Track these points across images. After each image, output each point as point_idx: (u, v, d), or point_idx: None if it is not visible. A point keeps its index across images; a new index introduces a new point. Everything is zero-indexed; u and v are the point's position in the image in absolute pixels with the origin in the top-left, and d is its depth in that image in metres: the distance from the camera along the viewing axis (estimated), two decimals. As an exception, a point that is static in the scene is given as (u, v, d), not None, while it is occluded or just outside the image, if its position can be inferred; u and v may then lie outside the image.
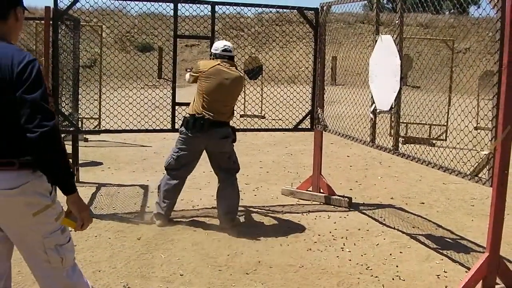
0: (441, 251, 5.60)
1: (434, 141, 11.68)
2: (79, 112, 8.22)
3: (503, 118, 4.20)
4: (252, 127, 8.16)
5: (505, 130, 4.20)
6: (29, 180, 2.85)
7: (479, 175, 4.57)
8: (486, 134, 4.53)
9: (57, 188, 2.93)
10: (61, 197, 2.96)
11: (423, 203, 7.45)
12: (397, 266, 5.15)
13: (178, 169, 6.15)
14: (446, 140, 11.48)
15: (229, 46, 6.20)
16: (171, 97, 6.78)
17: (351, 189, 7.97)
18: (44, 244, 2.97)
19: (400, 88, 5.60)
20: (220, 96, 5.96)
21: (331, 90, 7.41)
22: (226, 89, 5.98)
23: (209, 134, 5.94)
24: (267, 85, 12.46)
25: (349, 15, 32.44)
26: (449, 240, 6.02)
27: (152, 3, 6.79)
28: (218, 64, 6.04)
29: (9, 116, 2.78)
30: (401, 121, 11.90)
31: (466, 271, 4.96)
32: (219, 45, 6.24)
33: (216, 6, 6.83)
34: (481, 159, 4.51)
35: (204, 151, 6.18)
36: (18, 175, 2.82)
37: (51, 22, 6.37)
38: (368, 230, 6.16)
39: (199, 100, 5.98)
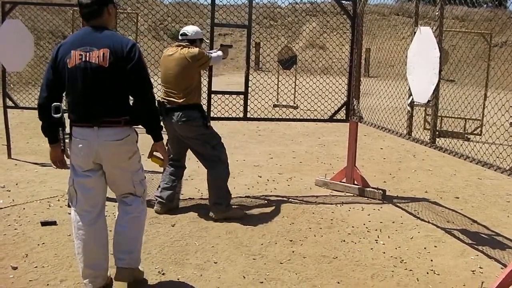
0: (476, 246, 5.53)
1: (469, 136, 11.54)
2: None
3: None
4: (287, 117, 8.11)
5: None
6: (129, 133, 3.95)
7: (519, 171, 4.50)
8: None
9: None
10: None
11: (457, 197, 7.37)
12: (431, 260, 5.10)
13: (171, 157, 6.22)
14: (481, 135, 11.33)
15: (188, 30, 6.05)
16: (207, 86, 6.79)
17: (384, 182, 7.92)
18: (133, 179, 4.09)
19: (439, 81, 5.52)
20: (167, 78, 5.93)
21: (364, 81, 7.36)
22: (170, 70, 5.90)
23: (169, 120, 5.88)
24: (300, 76, 12.42)
25: (383, 6, 32.17)
26: (485, 236, 5.94)
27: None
28: (168, 48, 6.12)
29: (119, 86, 3.84)
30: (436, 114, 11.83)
31: (502, 268, 4.91)
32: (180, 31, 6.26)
33: (253, -5, 6.80)
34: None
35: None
36: (122, 130, 3.90)
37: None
38: (402, 223, 6.11)
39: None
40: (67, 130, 4.00)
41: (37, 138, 10.15)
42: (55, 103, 3.85)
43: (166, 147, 6.12)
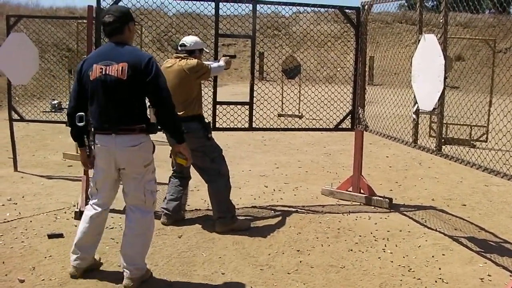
0: (484, 254, 5.51)
1: (474, 143, 11.51)
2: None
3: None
4: (291, 127, 8.10)
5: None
6: (143, 141, 4.32)
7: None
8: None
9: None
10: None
11: (464, 205, 7.34)
12: (439, 269, 5.08)
13: (175, 168, 6.32)
14: (487, 141, 11.30)
15: (187, 41, 6.02)
16: (212, 96, 6.79)
17: (391, 190, 7.89)
18: (145, 188, 4.41)
19: (444, 88, 5.52)
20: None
21: (369, 90, 7.36)
22: (168, 83, 5.82)
23: None
24: (306, 85, 12.43)
25: (387, 14, 32.18)
26: (493, 243, 5.91)
27: (194, 2, 6.79)
28: (167, 60, 6.09)
29: (135, 97, 4.22)
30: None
31: (510, 275, 4.89)
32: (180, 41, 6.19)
33: (258, 5, 6.81)
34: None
35: None
36: (137, 137, 4.27)
37: (93, 21, 6.44)
38: (409, 232, 6.09)
39: None
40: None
41: (43, 151, 10.18)
42: (79, 113, 4.29)
43: (170, 158, 6.16)
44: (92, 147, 4.45)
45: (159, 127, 4.46)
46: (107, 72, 4.17)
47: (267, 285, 4.62)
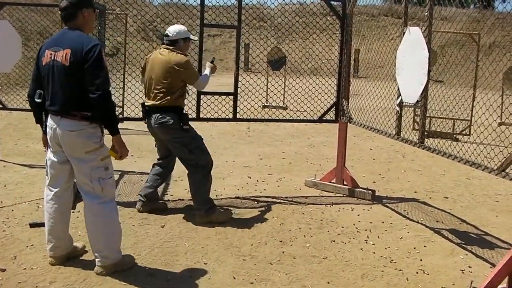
0: (465, 246, 5.56)
1: (457, 136, 11.59)
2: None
3: (533, 113, 4.15)
4: (276, 118, 8.10)
5: (535, 125, 4.15)
6: (84, 128, 4.24)
7: (506, 171, 4.52)
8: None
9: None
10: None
11: (447, 197, 7.40)
12: (421, 260, 5.12)
13: (158, 158, 6.34)
14: (470, 135, 11.38)
15: (170, 31, 5.99)
16: (196, 86, 6.77)
17: (374, 182, 7.93)
18: (91, 175, 4.34)
19: (428, 81, 5.54)
20: (149, 80, 5.92)
21: (354, 82, 7.37)
22: (152, 72, 5.88)
23: (149, 120, 5.88)
24: (291, 76, 12.45)
25: (372, 7, 32.25)
26: (474, 236, 5.97)
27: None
28: (154, 51, 6.09)
29: (78, 82, 4.16)
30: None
31: (490, 267, 4.93)
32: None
33: (243, -4, 6.80)
34: (508, 155, 4.46)
35: None
36: (78, 123, 4.23)
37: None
38: (391, 223, 6.13)
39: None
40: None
41: (26, 140, 10.11)
42: (38, 90, 4.40)
43: (156, 148, 6.16)
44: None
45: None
46: (55, 58, 4.22)
47: (250, 275, 4.62)
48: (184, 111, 5.94)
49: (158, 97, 5.79)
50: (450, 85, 11.00)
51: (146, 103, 5.93)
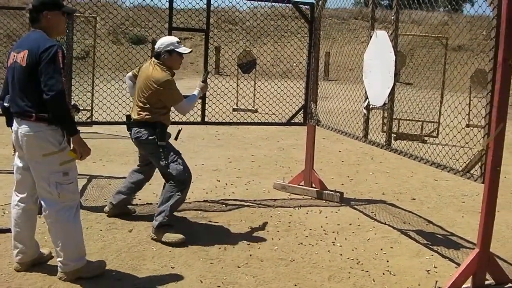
0: (431, 246, 5.63)
1: (426, 138, 11.71)
2: (71, 103, 8.17)
3: (496, 115, 4.21)
4: (245, 121, 8.11)
5: (498, 127, 4.21)
6: (41, 130, 4.16)
7: (471, 172, 4.58)
8: (479, 131, 4.52)
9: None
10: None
11: (414, 199, 7.48)
12: (387, 261, 5.17)
13: (138, 164, 6.22)
14: (438, 137, 11.50)
15: (157, 43, 5.64)
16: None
17: (342, 184, 7.98)
18: (49, 179, 4.25)
19: (394, 84, 5.60)
20: (136, 91, 5.66)
21: (324, 85, 7.41)
22: (138, 84, 5.63)
23: (130, 133, 5.70)
24: (260, 79, 12.47)
25: (342, 10, 32.43)
26: (440, 236, 6.04)
27: (148, -6, 6.73)
28: (149, 60, 5.80)
29: (34, 84, 4.10)
30: (394, 117, 11.98)
31: (456, 267, 4.99)
32: None
33: (212, -1, 6.79)
34: (473, 156, 4.52)
35: None
36: (35, 125, 4.15)
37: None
38: (359, 225, 6.17)
39: None
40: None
41: (-8, 144, 9.98)
42: (7, 95, 4.35)
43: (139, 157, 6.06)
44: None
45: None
46: (16, 60, 4.20)
47: (217, 279, 4.62)
48: (162, 128, 5.58)
49: (138, 111, 5.55)
50: (419, 88, 11.11)
51: (130, 115, 5.71)
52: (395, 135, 11.28)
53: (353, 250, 5.42)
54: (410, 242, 5.75)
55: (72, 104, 4.42)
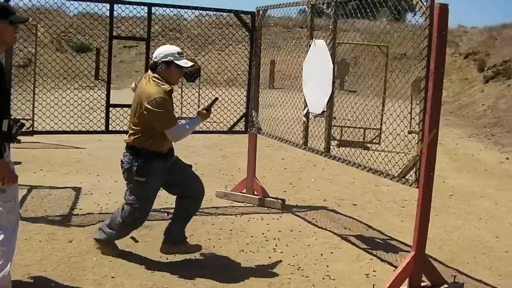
0: (370, 251, 5.74)
1: (368, 145, 11.91)
2: (11, 112, 8.02)
3: (429, 121, 4.34)
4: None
5: (431, 133, 4.34)
6: None
7: (406, 177, 4.70)
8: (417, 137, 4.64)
9: None
10: None
11: (355, 204, 7.61)
12: (327, 266, 5.25)
13: None
14: (380, 143, 11.70)
15: (155, 53, 5.01)
16: (105, 99, 6.69)
17: (285, 191, 8.05)
18: None
19: (333, 92, 5.69)
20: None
21: (269, 93, 7.46)
22: (133, 101, 5.01)
23: None
24: (204, 88, 12.46)
25: (287, 19, 32.70)
26: (379, 241, 6.17)
27: (88, 3, 6.67)
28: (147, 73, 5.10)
29: None
30: (337, 124, 12.18)
31: (394, 270, 5.08)
32: None
33: (153, 7, 6.78)
34: (408, 162, 4.64)
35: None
36: None
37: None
38: (300, 232, 6.24)
39: None
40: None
41: None
42: None
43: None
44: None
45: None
46: None
47: (157, 287, 4.62)
48: (147, 158, 4.87)
49: (130, 132, 4.95)
50: (362, 95, 11.30)
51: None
52: (338, 142, 11.47)
53: (293, 256, 5.48)
54: (350, 247, 5.85)
55: (12, 120, 4.02)
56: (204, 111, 5.27)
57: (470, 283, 5.11)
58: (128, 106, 6.77)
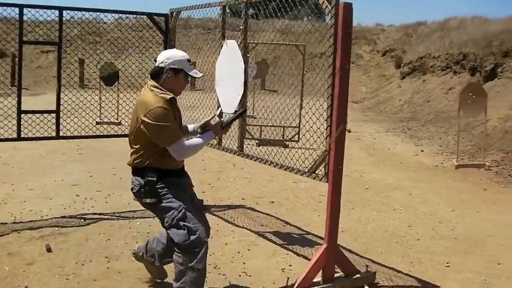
0: (287, 246, 5.86)
1: (287, 143, 12.09)
2: None
3: (336, 117, 4.46)
4: (108, 134, 8.02)
5: (338, 128, 4.46)
6: None
7: (316, 172, 4.81)
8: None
9: None
10: None
11: (273, 202, 7.72)
12: (244, 263, 5.33)
13: None
14: (298, 141, 11.88)
15: (158, 57, 4.30)
16: (16, 105, 6.52)
17: (203, 192, 8.05)
18: None
19: (245, 92, 5.76)
20: None
21: (189, 95, 7.45)
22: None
23: None
24: (123, 91, 12.34)
25: (208, 20, 32.70)
26: (296, 236, 6.29)
27: (-2, 7, 6.50)
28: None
29: None
30: (255, 123, 12.29)
31: (309, 263, 5.23)
32: None
33: (64, 11, 6.66)
34: (317, 157, 4.76)
35: None
36: None
37: None
38: (218, 231, 6.28)
39: None
40: None
41: None
42: None
43: None
44: None
45: None
46: None
47: (72, 294, 4.58)
48: (156, 176, 4.12)
49: (132, 153, 4.24)
50: (283, 94, 11.45)
51: None
52: (258, 141, 11.59)
53: (210, 255, 5.46)
54: (267, 243, 5.94)
55: None
56: (222, 128, 4.54)
57: (383, 271, 5.30)
58: (41, 112, 6.70)
